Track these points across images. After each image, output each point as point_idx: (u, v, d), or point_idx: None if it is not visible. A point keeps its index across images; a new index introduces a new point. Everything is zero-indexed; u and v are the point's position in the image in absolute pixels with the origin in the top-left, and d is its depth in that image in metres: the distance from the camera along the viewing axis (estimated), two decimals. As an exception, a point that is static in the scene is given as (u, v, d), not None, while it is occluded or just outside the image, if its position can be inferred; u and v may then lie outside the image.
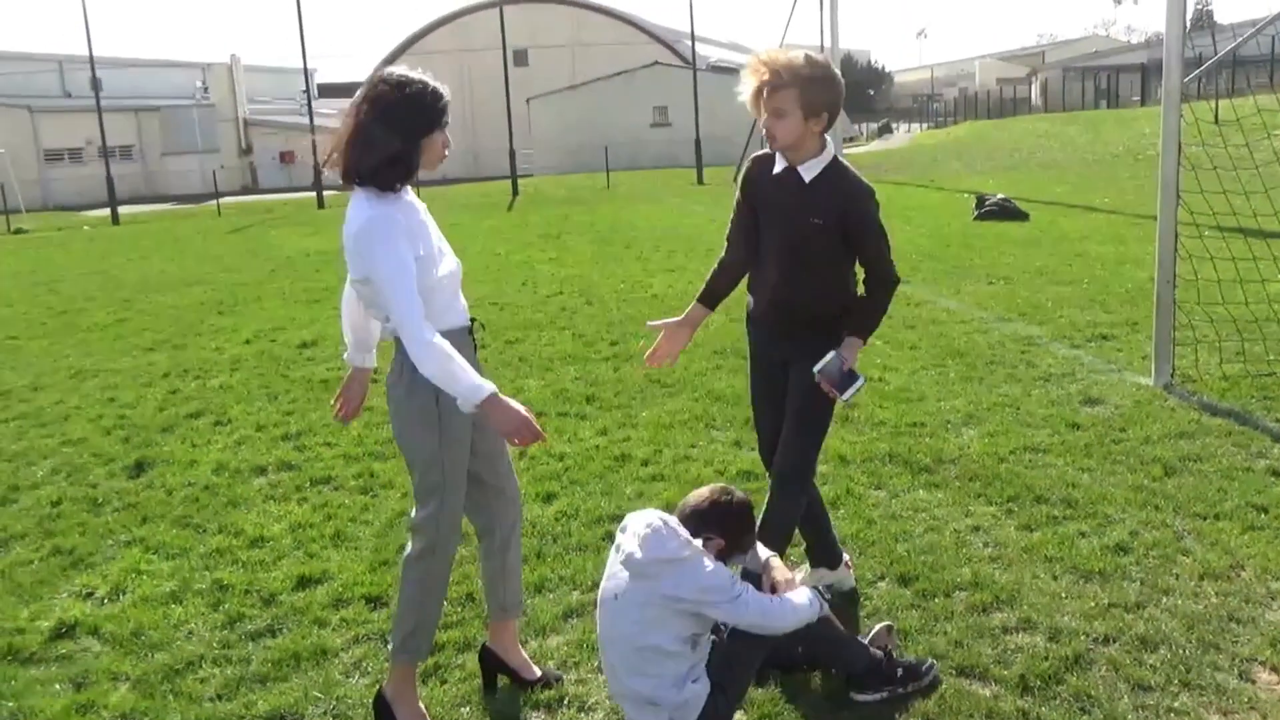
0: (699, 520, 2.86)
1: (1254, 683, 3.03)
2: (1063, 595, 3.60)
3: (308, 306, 11.08)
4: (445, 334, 2.80)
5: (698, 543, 2.79)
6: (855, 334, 3.34)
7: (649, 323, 3.72)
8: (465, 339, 2.94)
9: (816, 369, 3.25)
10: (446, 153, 2.89)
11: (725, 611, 2.74)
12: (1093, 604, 3.50)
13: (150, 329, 10.19)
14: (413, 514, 3.03)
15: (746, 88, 3.23)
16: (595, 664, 3.33)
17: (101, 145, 33.35)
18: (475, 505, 3.12)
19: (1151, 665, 3.13)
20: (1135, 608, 3.47)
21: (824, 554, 3.73)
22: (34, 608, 3.97)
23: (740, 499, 2.95)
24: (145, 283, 14.13)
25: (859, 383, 3.28)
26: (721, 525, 2.87)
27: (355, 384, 3.24)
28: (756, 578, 2.96)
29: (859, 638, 3.11)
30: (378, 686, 3.26)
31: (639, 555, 2.75)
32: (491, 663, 3.25)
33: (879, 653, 3.04)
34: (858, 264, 3.40)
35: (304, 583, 4.04)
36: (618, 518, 4.49)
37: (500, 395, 2.74)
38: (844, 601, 3.62)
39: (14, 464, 5.87)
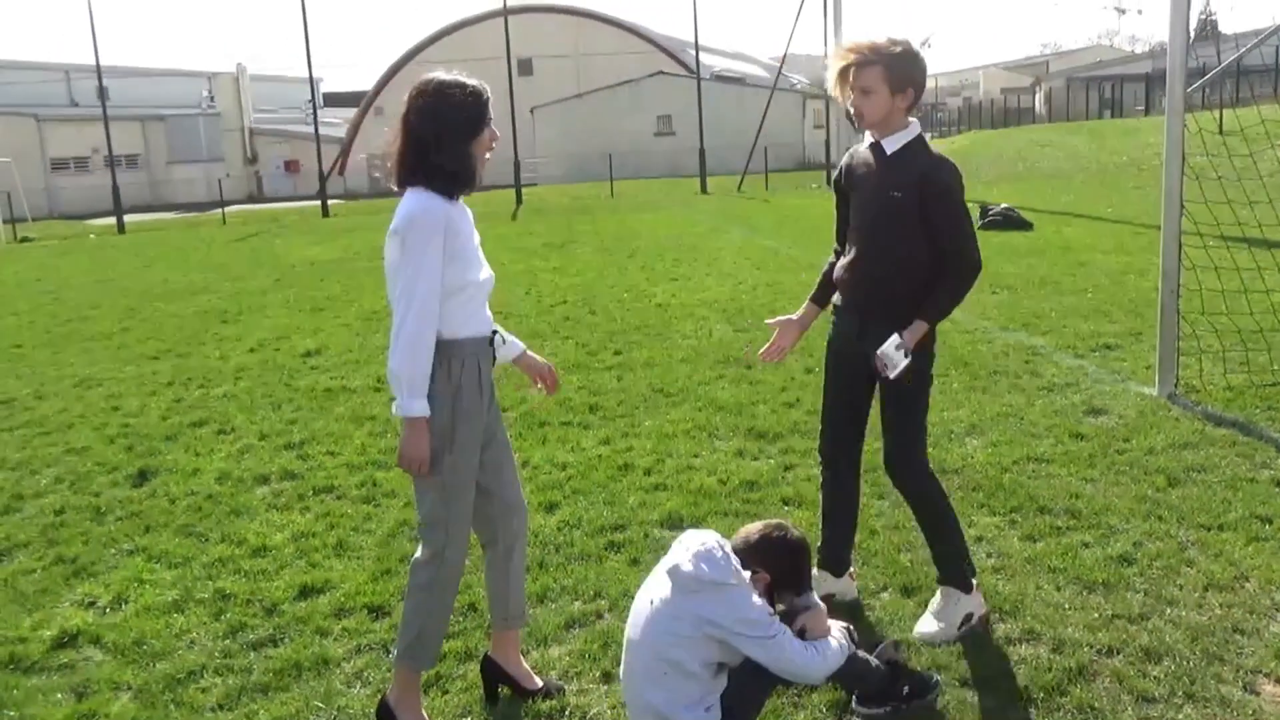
0: (748, 552, 2.85)
1: (1258, 694, 3.01)
2: (1066, 606, 3.58)
3: (312, 315, 11.10)
4: (468, 341, 2.89)
5: (745, 574, 2.77)
6: (921, 316, 3.31)
7: (768, 320, 3.87)
8: (485, 348, 2.99)
9: (878, 350, 3.27)
10: (494, 145, 2.98)
11: (756, 648, 2.71)
12: (1096, 615, 3.49)
13: (154, 337, 10.22)
14: (419, 520, 3.03)
15: (830, 75, 3.34)
16: (597, 675, 3.32)
17: (108, 154, 33.48)
18: (480, 515, 3.12)
19: (1155, 677, 3.12)
20: (1139, 619, 3.46)
21: (834, 556, 3.70)
22: (36, 616, 3.98)
23: (795, 537, 2.91)
24: (150, 291, 14.16)
25: (903, 363, 3.24)
26: (768, 560, 2.84)
27: (528, 364, 3.27)
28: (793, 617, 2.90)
29: (870, 657, 3.10)
30: (379, 696, 3.26)
31: (686, 569, 2.74)
32: (493, 673, 3.24)
33: (887, 669, 3.02)
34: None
35: (306, 592, 4.04)
36: (620, 527, 4.51)
37: (425, 423, 2.84)
38: (846, 614, 3.61)
39: (17, 472, 5.87)
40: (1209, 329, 6.71)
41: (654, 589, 2.85)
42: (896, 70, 3.24)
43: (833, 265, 3.65)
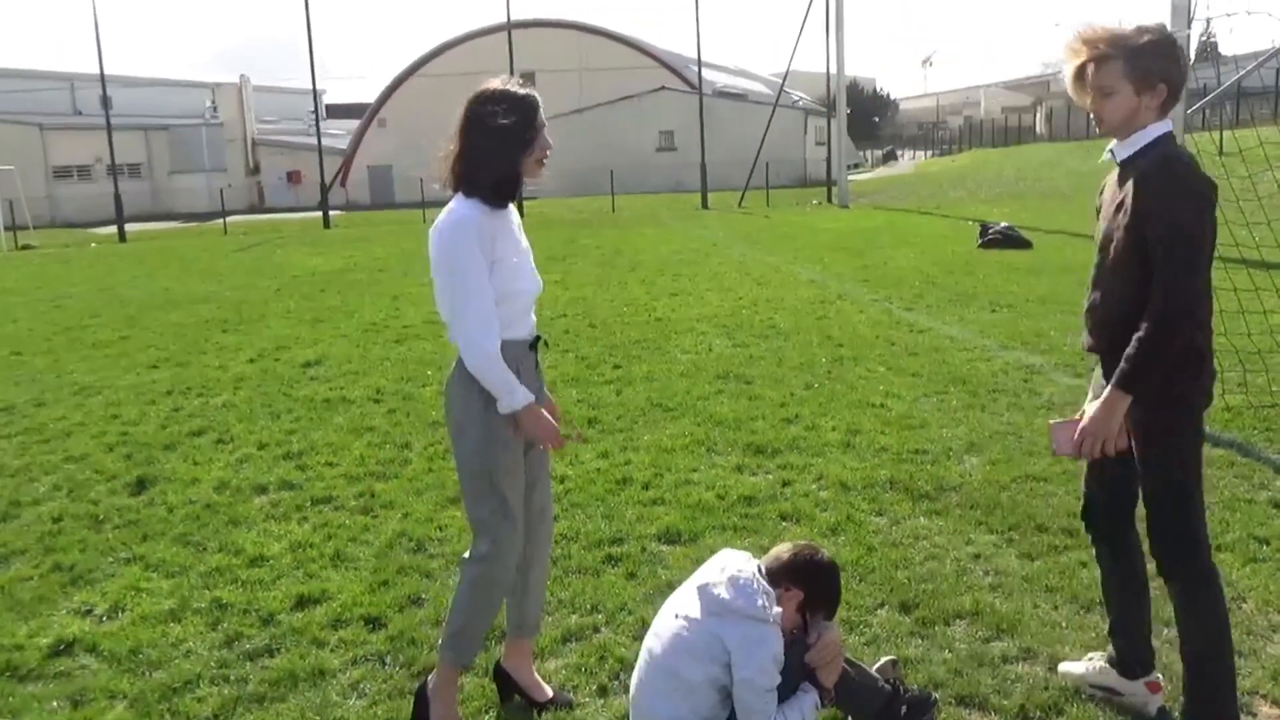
0: (779, 569, 2.85)
1: (1255, 715, 3.01)
2: (1063, 625, 3.58)
3: (312, 326, 11.11)
4: (509, 344, 2.93)
5: (776, 609, 2.75)
6: (1113, 383, 2.68)
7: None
8: (525, 352, 3.03)
9: (1052, 423, 2.85)
10: (549, 153, 3.00)
11: (744, 689, 2.68)
12: (1093, 634, 3.48)
13: (154, 346, 10.22)
14: (470, 520, 3.04)
15: (1066, 73, 2.80)
16: (594, 688, 3.32)
17: (110, 163, 33.58)
18: None
19: (1152, 697, 3.11)
20: (1136, 639, 3.45)
21: (1121, 653, 3.09)
22: (33, 624, 3.97)
23: (826, 558, 2.95)
24: (150, 300, 14.18)
25: (1067, 448, 2.76)
26: (799, 577, 2.84)
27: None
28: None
29: (876, 675, 3.09)
30: (376, 707, 3.26)
31: (719, 593, 2.73)
32: (504, 681, 3.26)
33: (888, 688, 3.01)
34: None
35: (303, 603, 4.04)
36: (618, 541, 4.51)
37: (533, 409, 2.92)
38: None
39: (16, 480, 5.87)
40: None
41: (680, 604, 2.85)
42: (1141, 64, 2.66)
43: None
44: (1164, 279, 2.58)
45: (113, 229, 31.82)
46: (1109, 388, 2.68)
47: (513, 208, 3.04)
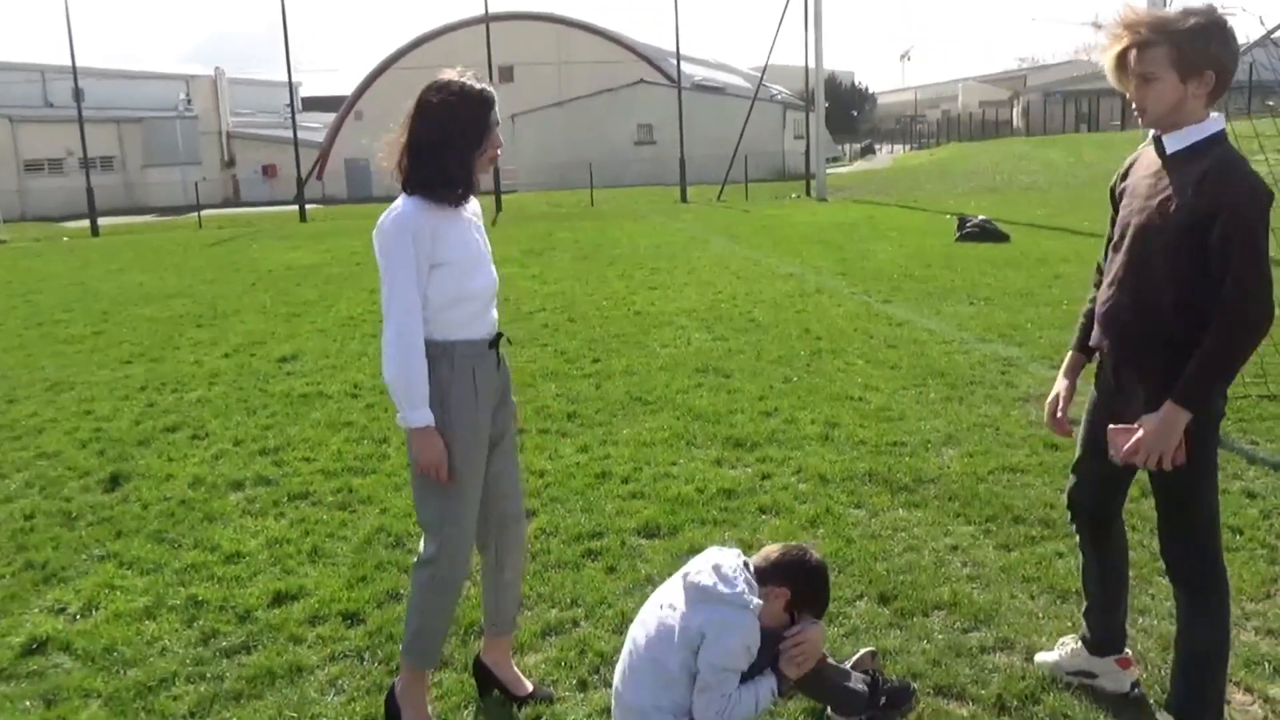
0: (768, 568, 2.86)
1: (1229, 703, 3.03)
2: (1040, 615, 3.61)
3: (288, 321, 11.03)
4: (461, 344, 2.88)
5: (758, 601, 2.75)
6: (1174, 397, 2.52)
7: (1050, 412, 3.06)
8: (483, 351, 2.96)
9: (1111, 428, 2.68)
10: (499, 151, 2.94)
11: (708, 665, 2.68)
12: (1070, 623, 3.51)
13: (128, 341, 10.12)
14: (419, 522, 3.02)
15: (1106, 60, 2.64)
16: (573, 682, 3.32)
17: (82, 156, 33.16)
18: (485, 513, 3.12)
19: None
20: (1112, 628, 3.48)
21: (1094, 631, 3.11)
22: (4, 623, 3.92)
23: (816, 558, 2.92)
24: (124, 295, 14.03)
25: (1119, 454, 2.62)
26: (786, 576, 2.84)
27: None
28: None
29: (843, 662, 3.10)
30: (354, 703, 3.24)
31: (702, 580, 2.74)
32: (484, 676, 3.25)
33: (865, 680, 3.02)
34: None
35: (280, 599, 4.01)
36: (597, 535, 4.50)
37: (432, 431, 2.82)
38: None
39: (-13, 477, 5.79)
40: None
41: (666, 595, 2.86)
42: (1188, 50, 2.50)
43: (1093, 299, 2.93)
44: (1241, 289, 2.44)
45: (85, 223, 31.39)
46: (1169, 403, 2.51)
47: (474, 201, 2.99)
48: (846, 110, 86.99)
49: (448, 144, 2.81)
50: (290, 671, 3.45)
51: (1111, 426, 2.68)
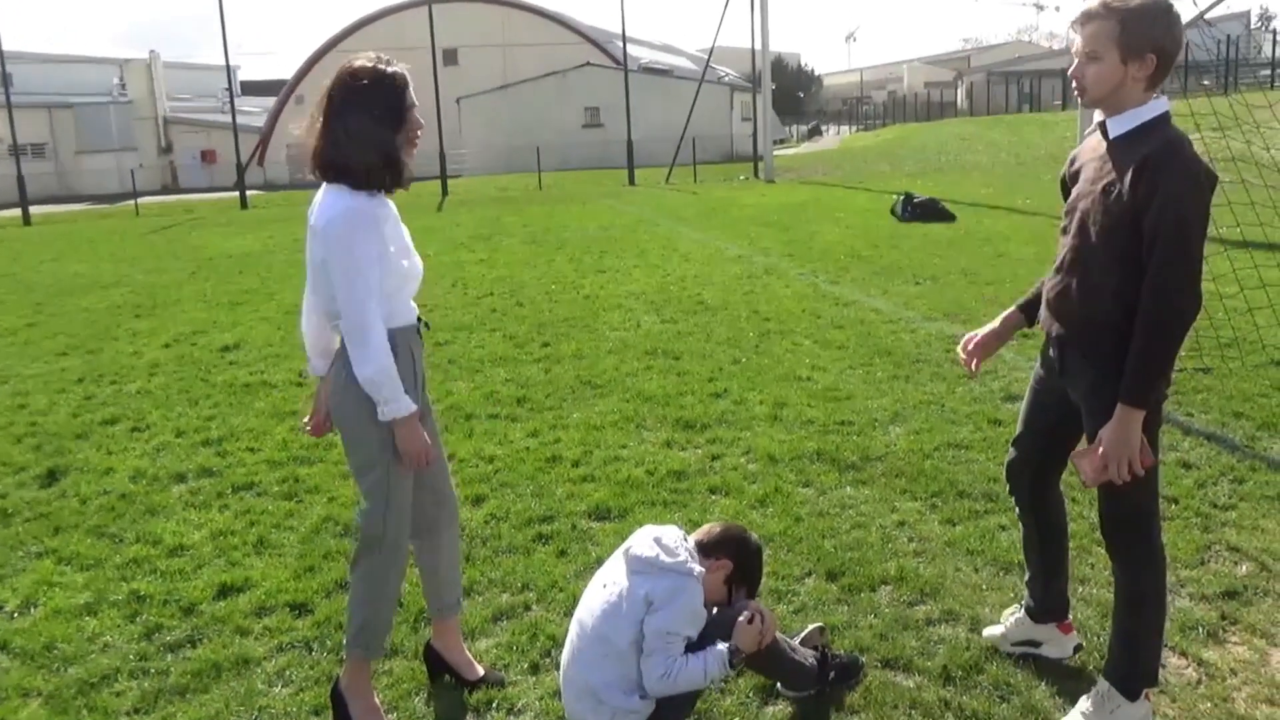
0: (710, 543, 2.92)
1: (1164, 667, 3.12)
2: (984, 587, 3.68)
3: (230, 309, 10.82)
4: (399, 330, 2.84)
5: (700, 568, 2.80)
6: (1121, 398, 2.53)
7: (964, 342, 3.26)
8: (415, 336, 2.95)
9: (1073, 454, 2.73)
10: (420, 135, 2.86)
11: (654, 631, 2.69)
12: (1012, 595, 3.58)
13: (63, 333, 9.85)
14: (358, 510, 2.99)
15: (1074, 36, 2.62)
16: (525, 666, 3.31)
17: (11, 143, 32.14)
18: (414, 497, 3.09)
19: (1068, 653, 3.22)
20: (1053, 598, 3.56)
21: (1035, 599, 3.15)
22: (-63, 623, 3.81)
23: (754, 538, 3.04)
24: (58, 285, 13.66)
25: (1088, 477, 2.64)
26: (730, 550, 2.92)
27: (323, 396, 3.12)
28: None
29: (792, 637, 3.13)
30: (303, 694, 3.21)
31: (642, 552, 2.79)
32: (434, 662, 3.23)
33: (814, 655, 3.05)
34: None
35: (225, 591, 3.94)
36: (548, 519, 4.49)
37: (415, 419, 2.82)
38: (784, 609, 3.65)
39: (-83, 474, 5.62)
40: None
41: (607, 573, 2.88)
42: (1134, 29, 2.47)
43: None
44: (1167, 280, 2.44)
45: (16, 212, 30.49)
46: (1121, 406, 2.52)
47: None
48: (793, 92, 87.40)
49: (367, 131, 2.73)
50: (237, 664, 3.41)
51: (1074, 454, 2.72)
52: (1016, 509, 3.20)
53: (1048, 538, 3.12)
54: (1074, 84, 2.62)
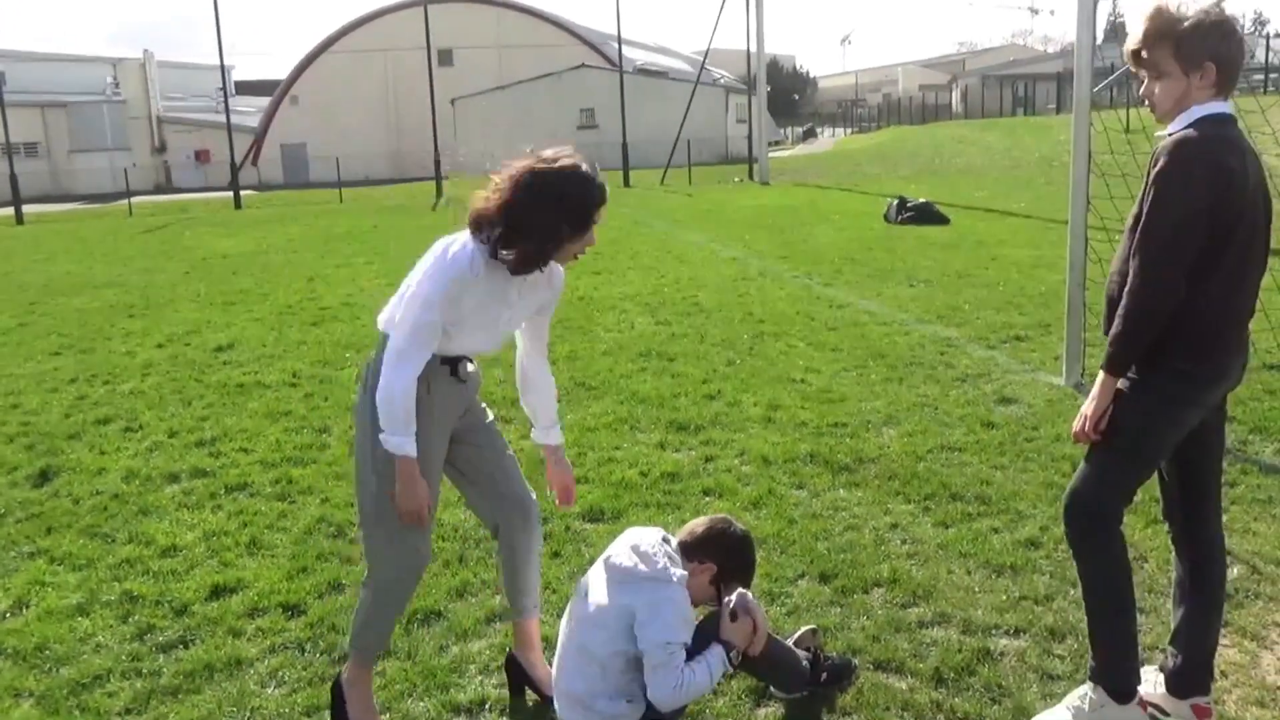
0: (693, 544, 2.89)
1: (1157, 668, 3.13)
2: (976, 589, 3.69)
3: (224, 309, 10.80)
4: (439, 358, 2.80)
5: (682, 571, 2.78)
6: (1102, 364, 2.69)
7: None
8: (436, 367, 2.81)
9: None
10: (586, 250, 2.79)
11: (652, 643, 2.68)
12: (1004, 597, 3.60)
13: (56, 332, 9.83)
14: (365, 545, 2.96)
15: (1127, 52, 2.67)
16: (518, 668, 3.31)
17: (5, 142, 32.04)
18: (481, 508, 3.13)
19: (1059, 655, 3.23)
20: (1045, 600, 3.57)
21: (1181, 664, 2.86)
22: (-71, 624, 3.80)
23: (740, 529, 2.97)
24: (51, 285, 13.62)
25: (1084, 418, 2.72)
26: (713, 551, 2.88)
27: (553, 464, 3.21)
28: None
29: (785, 639, 3.13)
30: (295, 695, 3.21)
31: (622, 561, 2.77)
32: (516, 674, 3.16)
33: (807, 657, 3.06)
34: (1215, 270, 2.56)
35: (218, 592, 3.94)
36: (542, 520, 4.47)
37: (414, 464, 2.71)
38: (768, 602, 3.65)
39: (-92, 474, 5.60)
40: (1112, 320, 6.95)
41: (590, 581, 2.87)
42: (1190, 43, 2.54)
43: None
44: (1141, 270, 2.53)
45: (9, 211, 30.38)
46: (1100, 370, 2.68)
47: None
48: (788, 94, 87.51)
49: (549, 228, 2.66)
50: (229, 665, 3.40)
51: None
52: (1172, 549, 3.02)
53: (1200, 581, 2.87)
54: (1145, 102, 2.70)
